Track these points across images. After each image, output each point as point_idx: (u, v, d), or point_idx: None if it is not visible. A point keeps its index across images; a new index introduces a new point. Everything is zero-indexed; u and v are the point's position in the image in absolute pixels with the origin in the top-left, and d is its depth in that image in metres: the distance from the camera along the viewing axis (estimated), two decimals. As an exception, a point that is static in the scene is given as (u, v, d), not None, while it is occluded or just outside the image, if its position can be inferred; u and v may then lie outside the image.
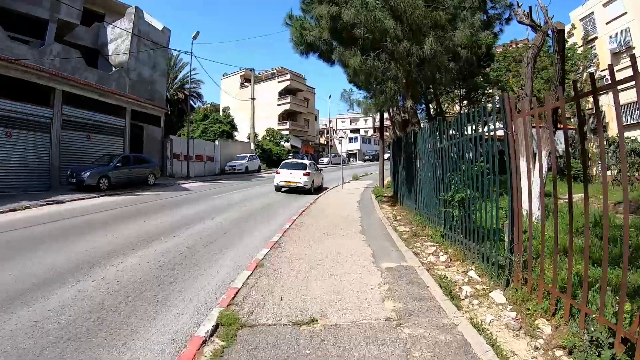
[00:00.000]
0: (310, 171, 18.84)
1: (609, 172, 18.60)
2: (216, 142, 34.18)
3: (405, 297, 4.80)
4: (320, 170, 20.27)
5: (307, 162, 20.54)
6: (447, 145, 7.49)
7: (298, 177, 18.25)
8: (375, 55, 10.00)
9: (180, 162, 28.59)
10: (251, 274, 5.66)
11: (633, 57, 3.04)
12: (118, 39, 26.42)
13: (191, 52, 29.07)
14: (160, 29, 28.96)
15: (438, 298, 4.78)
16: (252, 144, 39.46)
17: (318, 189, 19.84)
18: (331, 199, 15.73)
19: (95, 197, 15.13)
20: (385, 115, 21.39)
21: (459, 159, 6.89)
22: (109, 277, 5.57)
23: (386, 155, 24.04)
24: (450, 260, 6.76)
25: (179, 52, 75.14)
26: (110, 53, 26.40)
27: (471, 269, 6.10)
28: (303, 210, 12.36)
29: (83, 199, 14.45)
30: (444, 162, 7.68)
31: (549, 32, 9.88)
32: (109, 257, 6.61)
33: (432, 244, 7.70)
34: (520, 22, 11.57)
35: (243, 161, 33.74)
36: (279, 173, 19.04)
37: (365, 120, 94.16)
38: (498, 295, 5.13)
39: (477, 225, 6.22)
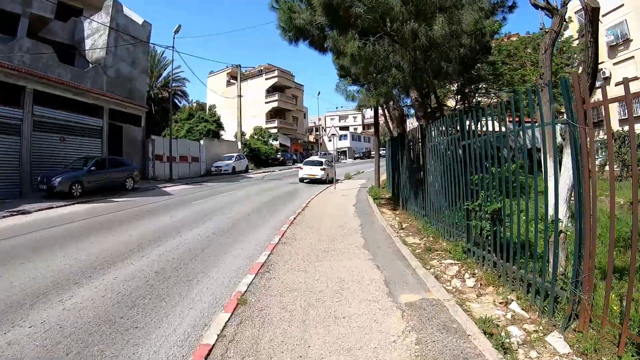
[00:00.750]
0: (325, 167, 24.50)
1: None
2: (201, 141, 32.54)
3: (443, 355, 3.43)
4: (333, 165, 23.63)
5: (322, 160, 26.53)
6: (473, 143, 6.12)
7: (316, 171, 23.72)
8: (376, 39, 8.63)
9: (163, 163, 26.96)
10: (230, 316, 4.23)
11: None
12: (95, 34, 24.68)
13: (173, 47, 26.76)
14: (141, 23, 27.25)
15: (487, 355, 3.42)
16: (239, 143, 37.85)
17: (331, 181, 22.46)
18: (325, 203, 14.34)
19: (66, 205, 13.63)
20: (380, 111, 20.09)
21: (490, 158, 5.54)
22: (51, 320, 4.18)
23: (381, 152, 22.92)
24: (481, 285, 5.42)
25: (161, 47, 73.15)
26: (87, 48, 24.70)
27: (511, 299, 4.77)
28: (294, 218, 10.93)
29: (52, 207, 12.96)
30: (467, 162, 6.32)
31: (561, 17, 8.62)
32: (59, 288, 5.19)
33: (452, 261, 6.34)
34: (534, 5, 10.26)
35: (230, 161, 32.13)
36: (302, 169, 24.78)
37: (355, 118, 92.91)
38: (558, 341, 3.81)
39: (516, 243, 4.89)
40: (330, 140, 21.62)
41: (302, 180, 24.03)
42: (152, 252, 7.23)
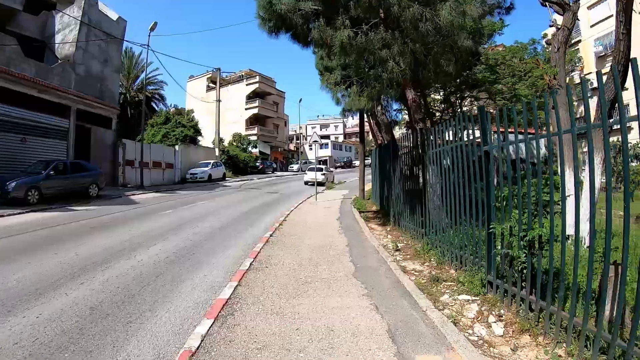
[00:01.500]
0: (325, 172, 30.89)
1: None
2: (176, 147, 30.79)
3: None
4: (332, 171, 30.01)
5: (322, 167, 32.12)
6: (501, 148, 4.81)
7: (318, 176, 24.42)
8: (369, 27, 7.34)
9: (134, 169, 25.18)
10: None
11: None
12: (66, 29, 22.88)
13: (147, 45, 25.12)
14: (115, 19, 25.55)
15: None
16: (216, 149, 36.18)
17: (331, 182, 27.53)
18: (305, 217, 12.88)
19: (20, 213, 12.10)
20: (365, 118, 18.87)
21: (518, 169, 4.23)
22: None
23: (366, 161, 21.77)
24: (513, 332, 4.08)
25: (135, 45, 70.91)
26: (56, 43, 22.85)
27: (559, 355, 3.47)
28: (270, 234, 9.45)
29: (2, 216, 11.35)
30: (488, 173, 4.97)
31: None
32: None
33: (469, 297, 4.97)
34: (545, 2, 9.23)
35: (206, 168, 30.42)
36: (306, 174, 29.71)
37: (336, 127, 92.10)
38: None
39: (568, 282, 3.59)
40: (311, 149, 20.82)
41: (306, 183, 28.29)
42: (96, 277, 5.70)
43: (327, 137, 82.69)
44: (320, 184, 25.63)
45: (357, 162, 67.33)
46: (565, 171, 4.06)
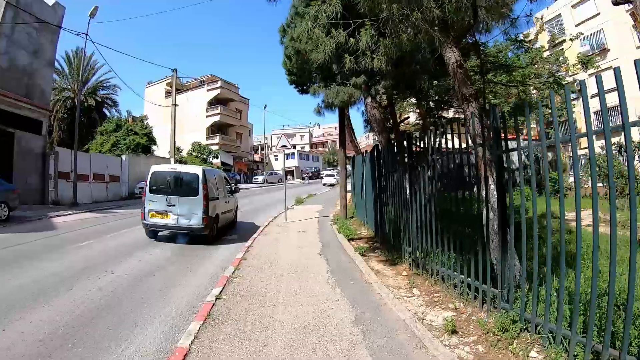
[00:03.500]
0: (336, 177, 30.94)
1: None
2: (123, 157, 26.60)
3: None
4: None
5: (334, 172, 35.31)
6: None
7: (332, 180, 28.77)
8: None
9: (70, 183, 20.94)
10: None
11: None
12: (-13, 12, 18.64)
13: (86, 34, 21.06)
14: (51, 4, 21.33)
15: None
16: (172, 160, 32.05)
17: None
18: (274, 249, 9.05)
19: None
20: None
21: None
22: None
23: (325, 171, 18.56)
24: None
25: (72, 33, 65.14)
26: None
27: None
28: (217, 296, 5.48)
29: None
30: None
31: None
32: None
33: None
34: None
35: (157, 181, 26.35)
36: (323, 178, 35.84)
37: (302, 136, 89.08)
38: None
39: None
40: (277, 159, 17.43)
41: (324, 185, 34.58)
42: None
43: (293, 146, 79.39)
44: (332, 185, 32.17)
45: (325, 173, 64.38)
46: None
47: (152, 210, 9.83)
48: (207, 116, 48.44)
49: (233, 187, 12.85)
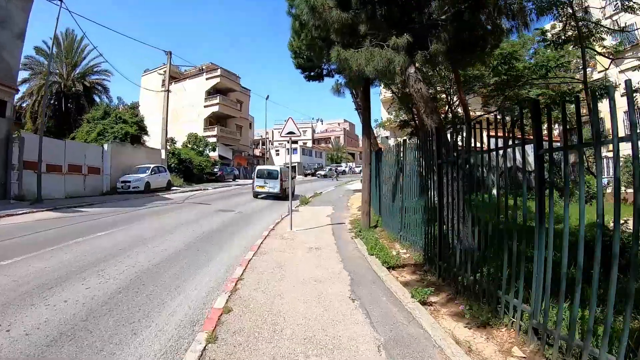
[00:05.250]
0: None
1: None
2: (105, 146, 23.22)
3: None
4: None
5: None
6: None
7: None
8: None
9: (42, 174, 17.64)
10: None
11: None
12: None
13: (61, 1, 17.70)
14: (20, -35, 18.07)
15: None
16: (163, 151, 28.72)
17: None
18: (276, 293, 5.46)
19: None
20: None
21: None
22: None
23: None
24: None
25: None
26: None
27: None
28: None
29: None
30: None
31: None
32: None
33: None
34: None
35: (142, 175, 22.86)
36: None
37: (304, 132, 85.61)
38: None
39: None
40: (278, 154, 14.12)
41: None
42: None
43: (295, 142, 76.07)
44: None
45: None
46: None
47: (257, 185, 20.52)
48: (205, 106, 45.06)
49: (292, 176, 17.55)
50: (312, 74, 25.31)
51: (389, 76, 7.97)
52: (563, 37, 12.31)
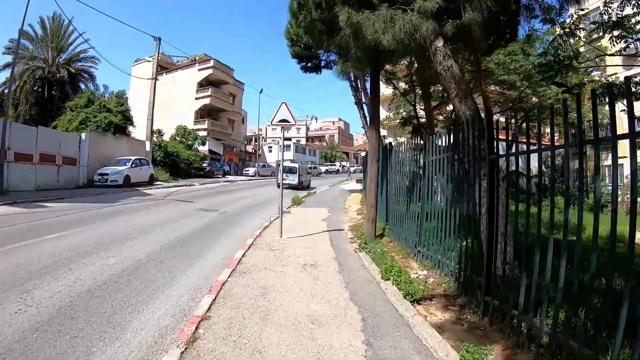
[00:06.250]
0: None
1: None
2: (83, 135, 21.24)
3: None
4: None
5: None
6: None
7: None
8: None
9: (6, 164, 15.68)
10: None
11: None
12: None
13: None
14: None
15: None
16: (147, 143, 26.75)
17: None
18: (255, 349, 3.74)
19: None
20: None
21: None
22: None
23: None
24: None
25: None
26: None
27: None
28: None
29: None
30: None
31: None
32: None
33: None
34: None
35: (122, 168, 20.87)
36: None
37: (298, 129, 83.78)
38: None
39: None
40: (270, 150, 12.20)
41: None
42: None
43: (288, 139, 74.25)
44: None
45: (323, 169, 59.27)
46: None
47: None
48: (196, 98, 43.02)
49: (309, 171, 29.36)
50: (309, 64, 23.51)
51: (412, 48, 6.23)
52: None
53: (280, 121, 8.55)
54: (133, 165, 21.56)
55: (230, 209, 14.05)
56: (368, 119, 9.42)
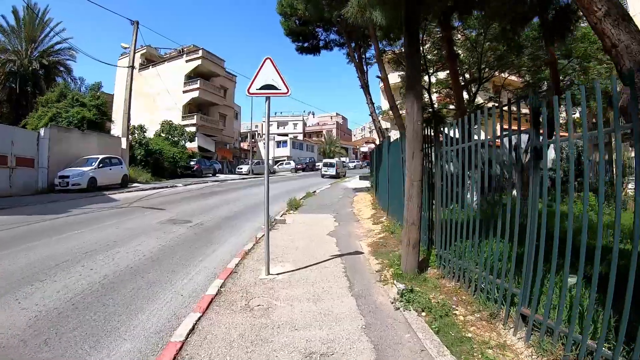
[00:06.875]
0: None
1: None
2: (41, 131, 17.89)
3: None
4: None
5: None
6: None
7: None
8: None
9: None
10: None
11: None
12: None
13: None
14: None
15: None
16: (124, 139, 23.35)
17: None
18: None
19: None
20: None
21: None
22: None
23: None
24: None
25: None
26: None
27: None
28: None
29: None
30: None
31: None
32: None
33: None
34: None
35: (86, 168, 17.50)
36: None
37: (295, 125, 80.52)
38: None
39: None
40: (265, 145, 9.16)
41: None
42: None
43: (284, 135, 70.96)
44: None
45: (320, 164, 56.05)
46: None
47: (324, 170, 36.08)
48: (184, 91, 39.61)
49: (344, 165, 41.55)
50: (306, 44, 20.11)
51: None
52: None
53: (263, 87, 5.22)
54: (100, 165, 18.23)
55: (208, 218, 10.80)
56: (406, 83, 5.97)
